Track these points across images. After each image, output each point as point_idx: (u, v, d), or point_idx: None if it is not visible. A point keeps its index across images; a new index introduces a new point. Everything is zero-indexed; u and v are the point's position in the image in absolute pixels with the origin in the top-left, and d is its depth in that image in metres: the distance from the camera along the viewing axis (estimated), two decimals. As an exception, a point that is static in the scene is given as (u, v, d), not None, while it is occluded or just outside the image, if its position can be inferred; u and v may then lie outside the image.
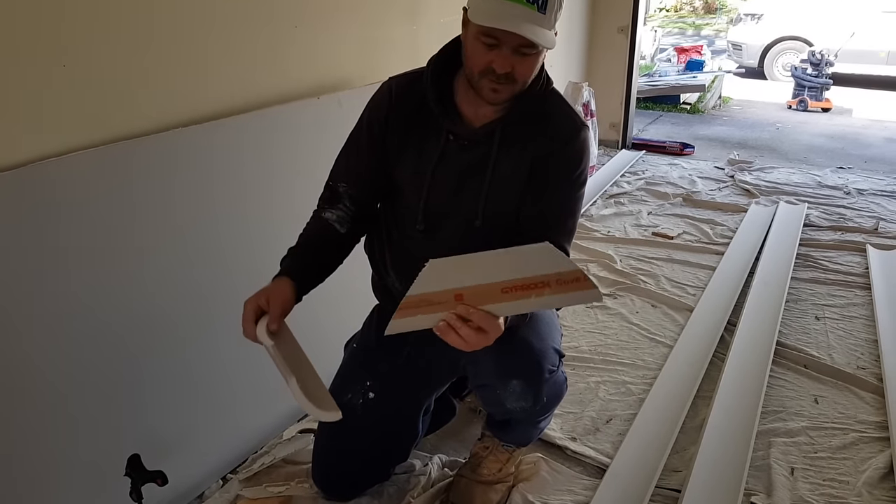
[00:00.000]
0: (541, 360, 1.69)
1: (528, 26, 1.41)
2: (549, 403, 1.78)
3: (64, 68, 1.58)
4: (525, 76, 1.51)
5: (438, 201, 1.67)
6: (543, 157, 1.61)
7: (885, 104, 7.82)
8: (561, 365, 1.78)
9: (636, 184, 4.69)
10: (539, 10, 1.42)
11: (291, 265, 1.63)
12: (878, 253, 3.51)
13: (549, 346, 1.73)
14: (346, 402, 1.83)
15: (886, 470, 2.06)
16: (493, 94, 1.52)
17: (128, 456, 1.69)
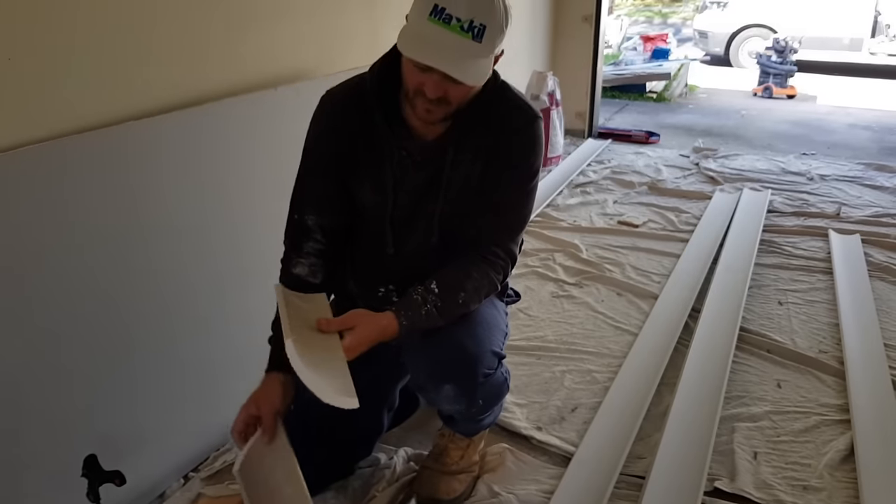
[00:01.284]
0: (474, 365, 1.65)
1: (455, 59, 1.38)
2: (486, 405, 1.76)
3: (9, 62, 1.54)
4: (460, 98, 1.48)
5: (401, 223, 1.66)
6: (493, 151, 1.59)
7: (848, 91, 7.91)
8: (500, 367, 1.74)
9: (602, 173, 4.70)
10: (474, 39, 1.38)
11: (276, 354, 1.62)
12: (840, 238, 3.55)
13: (485, 349, 1.67)
14: (309, 397, 1.82)
15: (847, 452, 2.08)
16: (427, 115, 1.49)
17: (84, 456, 1.67)
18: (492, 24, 1.39)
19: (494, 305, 1.80)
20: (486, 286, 1.63)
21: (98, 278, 1.72)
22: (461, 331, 1.64)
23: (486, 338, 1.69)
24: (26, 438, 1.61)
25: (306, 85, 2.31)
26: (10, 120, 1.56)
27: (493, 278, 1.63)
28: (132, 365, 1.84)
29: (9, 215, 1.52)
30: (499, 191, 1.61)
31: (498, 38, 1.43)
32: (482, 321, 1.71)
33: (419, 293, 1.56)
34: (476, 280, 1.60)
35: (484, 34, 1.38)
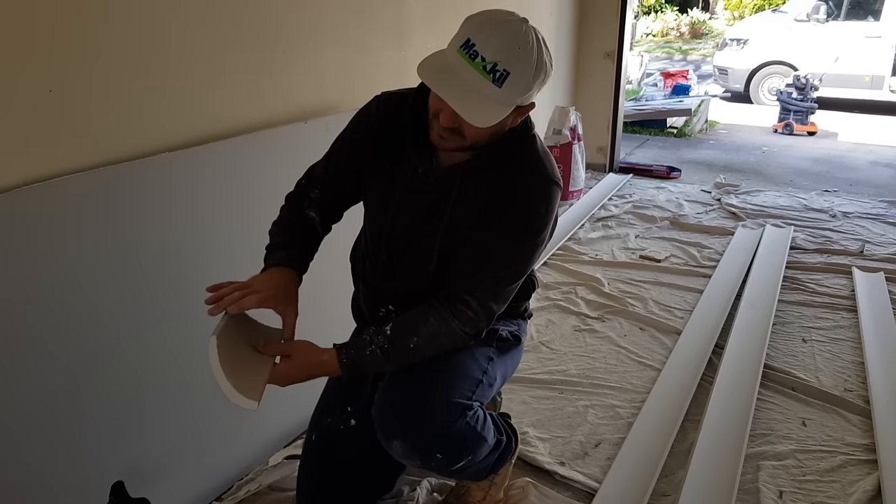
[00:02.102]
0: (421, 421, 1.56)
1: (467, 95, 1.36)
2: (449, 458, 1.64)
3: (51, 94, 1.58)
4: (474, 135, 1.45)
5: (400, 234, 1.63)
6: (495, 199, 1.53)
7: (869, 128, 7.89)
8: (462, 417, 1.60)
9: (623, 207, 4.71)
10: (494, 83, 1.35)
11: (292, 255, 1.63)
12: (864, 275, 3.53)
13: (444, 401, 1.59)
14: (326, 427, 1.83)
15: (874, 493, 2.05)
16: (439, 140, 1.48)
17: (112, 483, 1.67)
18: (518, 73, 1.36)
19: (471, 351, 1.70)
20: (445, 335, 1.53)
21: (128, 307, 1.75)
22: (414, 382, 1.59)
23: (445, 388, 1.61)
24: (55, 464, 1.63)
25: (335, 119, 2.34)
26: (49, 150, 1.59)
27: (457, 329, 1.53)
28: (159, 393, 1.86)
29: (47, 242, 1.55)
30: (490, 239, 1.54)
31: (520, 90, 1.39)
32: (445, 369, 1.63)
33: (369, 333, 1.53)
34: (433, 326, 1.52)
35: (506, 81, 1.36)
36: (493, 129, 1.45)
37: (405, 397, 1.59)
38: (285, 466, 2.11)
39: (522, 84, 1.39)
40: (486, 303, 1.54)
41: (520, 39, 1.37)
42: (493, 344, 1.75)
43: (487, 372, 1.71)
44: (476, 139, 1.47)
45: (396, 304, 1.69)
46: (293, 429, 2.25)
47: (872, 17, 9.14)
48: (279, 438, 2.22)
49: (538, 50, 1.40)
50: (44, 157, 1.59)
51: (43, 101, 1.57)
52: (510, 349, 1.81)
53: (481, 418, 1.67)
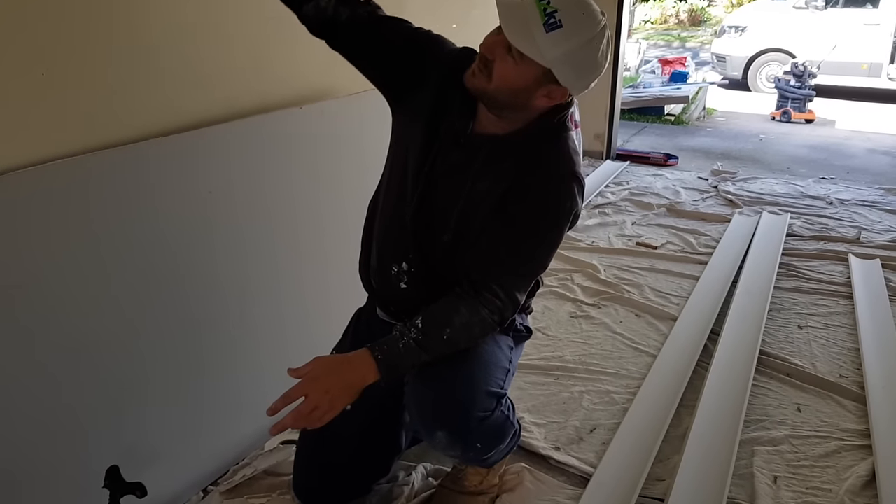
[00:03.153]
0: (466, 411, 1.59)
1: (518, 24, 1.37)
2: (485, 448, 1.69)
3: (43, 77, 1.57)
4: (501, 78, 1.43)
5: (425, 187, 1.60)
6: (518, 192, 1.53)
7: (867, 115, 7.89)
8: (499, 406, 1.65)
9: (620, 194, 4.71)
10: (544, 26, 1.35)
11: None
12: (860, 262, 3.53)
13: (479, 390, 1.61)
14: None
15: (869, 478, 2.06)
16: (470, 77, 1.47)
17: (106, 467, 1.68)
18: (567, 34, 1.36)
19: (496, 341, 1.72)
20: (477, 324, 1.53)
21: (123, 292, 1.74)
22: (453, 371, 1.59)
23: (482, 377, 1.63)
24: (49, 449, 1.63)
25: (330, 104, 2.33)
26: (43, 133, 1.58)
27: (487, 317, 1.54)
28: (155, 378, 1.85)
29: (39, 228, 1.54)
30: (514, 230, 1.55)
31: (561, 52, 1.37)
32: (478, 359, 1.65)
33: (398, 329, 1.51)
34: (464, 316, 1.51)
35: (553, 30, 1.35)
36: (518, 85, 1.44)
37: (445, 388, 1.59)
38: (281, 451, 2.12)
39: (566, 48, 1.38)
40: (512, 292, 1.55)
41: (590, 14, 1.40)
42: (511, 334, 1.79)
43: (511, 361, 1.76)
44: (498, 86, 1.44)
45: (410, 262, 1.66)
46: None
47: (871, 5, 9.14)
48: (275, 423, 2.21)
49: (598, 36, 1.41)
50: (37, 141, 1.57)
51: (35, 84, 1.56)
52: (522, 340, 1.86)
53: (510, 406, 1.73)
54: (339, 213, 2.35)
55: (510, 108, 1.50)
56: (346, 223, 2.32)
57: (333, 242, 2.34)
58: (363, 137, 2.39)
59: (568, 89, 1.47)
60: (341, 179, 2.36)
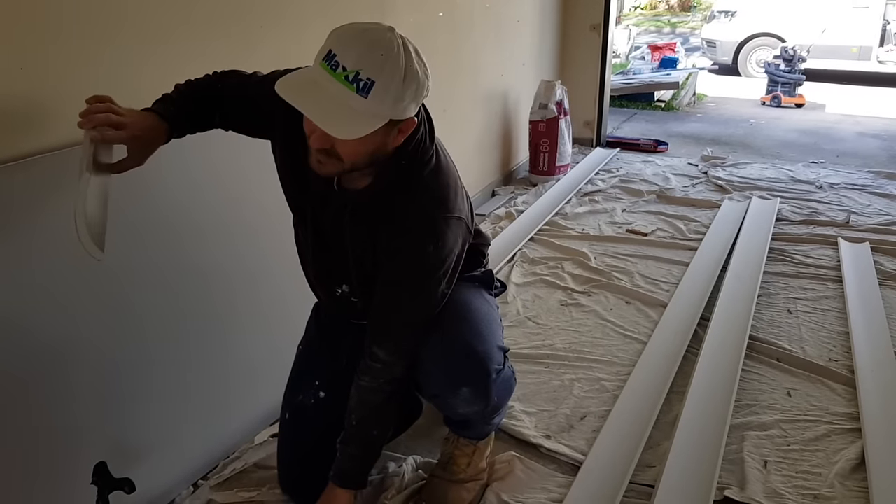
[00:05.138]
0: (487, 364, 1.66)
1: (332, 110, 1.28)
2: (499, 402, 1.78)
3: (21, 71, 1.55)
4: (352, 157, 1.39)
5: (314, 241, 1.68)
6: (385, 252, 1.54)
7: (857, 99, 7.90)
8: (507, 361, 1.76)
9: (610, 181, 4.70)
10: (359, 93, 1.27)
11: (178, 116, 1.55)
12: (850, 246, 3.54)
13: (492, 345, 1.69)
14: (299, 404, 1.86)
15: (858, 461, 2.07)
16: (318, 165, 1.42)
17: (94, 463, 1.67)
18: (383, 82, 1.28)
19: (486, 299, 1.81)
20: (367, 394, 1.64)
21: (110, 285, 1.73)
22: (465, 330, 1.66)
23: (490, 334, 1.71)
24: (36, 445, 1.62)
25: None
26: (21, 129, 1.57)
27: (368, 385, 1.63)
28: (142, 372, 1.84)
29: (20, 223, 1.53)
30: (388, 289, 1.57)
31: (390, 100, 1.31)
32: (482, 315, 1.73)
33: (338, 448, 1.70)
34: (352, 400, 1.66)
35: (371, 90, 1.27)
36: (371, 148, 1.39)
37: (463, 348, 1.64)
38: (270, 444, 2.11)
39: (392, 94, 1.30)
40: (401, 346, 1.62)
41: (383, 47, 1.29)
42: (492, 291, 1.90)
43: (500, 319, 1.86)
44: (354, 160, 1.40)
45: (351, 286, 1.70)
46: (278, 407, 2.24)
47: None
48: (264, 417, 2.21)
49: (406, 58, 1.31)
50: (16, 137, 1.56)
51: (15, 79, 1.54)
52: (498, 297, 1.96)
53: (511, 367, 1.82)
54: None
55: (373, 165, 1.46)
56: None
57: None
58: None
59: (413, 118, 1.41)
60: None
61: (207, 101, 1.62)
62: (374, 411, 1.65)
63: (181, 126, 1.56)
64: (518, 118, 4.79)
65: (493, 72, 4.27)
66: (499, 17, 4.21)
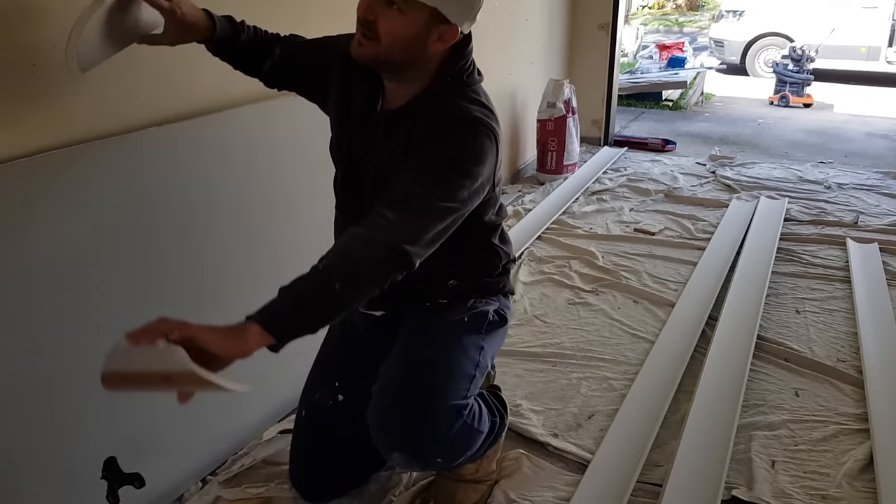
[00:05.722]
0: (421, 433, 1.53)
1: None
2: (448, 461, 1.65)
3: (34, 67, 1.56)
4: (390, 34, 1.39)
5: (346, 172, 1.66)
6: (419, 139, 1.47)
7: (865, 99, 7.87)
8: (461, 417, 1.57)
9: (618, 180, 4.70)
10: None
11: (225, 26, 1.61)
12: (858, 246, 3.53)
13: (442, 406, 1.55)
14: (316, 403, 1.84)
15: (866, 462, 2.06)
16: (357, 48, 1.43)
17: (104, 458, 1.68)
18: None
19: (462, 344, 1.65)
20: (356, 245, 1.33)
21: (119, 280, 1.74)
22: (409, 387, 1.56)
23: (442, 392, 1.57)
24: (46, 440, 1.63)
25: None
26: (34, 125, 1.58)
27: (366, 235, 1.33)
28: (152, 368, 1.85)
29: (32, 219, 1.54)
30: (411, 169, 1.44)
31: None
32: (439, 369, 1.59)
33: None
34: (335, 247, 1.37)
35: None
36: (409, 34, 1.40)
37: (401, 407, 1.54)
38: (279, 440, 2.12)
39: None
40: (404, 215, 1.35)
41: None
42: (483, 330, 1.71)
43: (480, 364, 1.67)
44: (391, 43, 1.40)
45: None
46: (287, 403, 2.25)
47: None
48: (273, 413, 2.22)
49: None
50: (28, 133, 1.57)
51: (27, 75, 1.55)
52: (496, 329, 1.77)
53: (476, 412, 1.64)
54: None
55: (408, 66, 1.46)
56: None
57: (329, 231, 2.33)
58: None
59: (458, 26, 1.43)
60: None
61: (269, 38, 1.69)
62: (349, 262, 1.29)
63: (227, 38, 1.61)
64: (526, 117, 4.78)
65: (501, 70, 4.27)
66: (507, 15, 4.21)
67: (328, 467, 1.82)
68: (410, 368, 1.59)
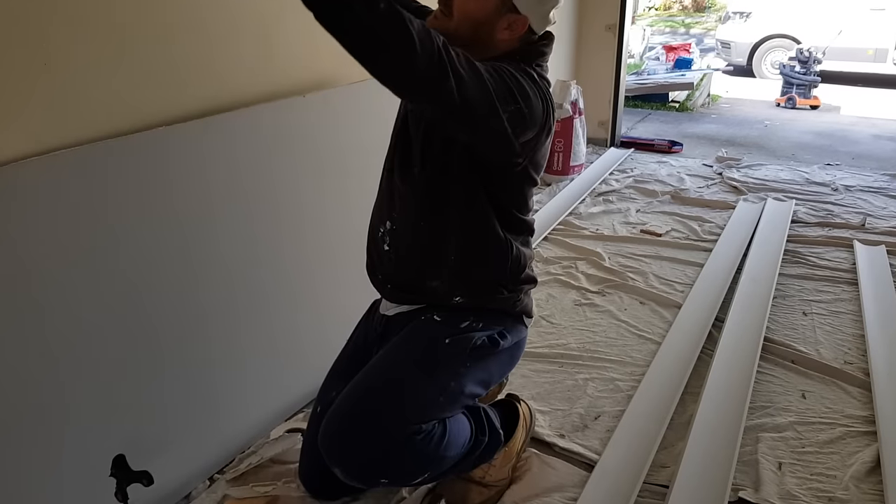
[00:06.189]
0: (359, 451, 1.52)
1: None
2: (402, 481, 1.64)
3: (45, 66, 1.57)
4: (462, 12, 1.47)
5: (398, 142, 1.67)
6: None
7: (872, 101, 7.85)
8: (410, 443, 1.52)
9: (625, 182, 4.70)
10: None
11: None
12: (865, 248, 3.52)
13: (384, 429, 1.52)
14: (331, 401, 1.83)
15: (873, 464, 2.06)
16: (433, 20, 1.49)
17: (113, 456, 1.68)
18: None
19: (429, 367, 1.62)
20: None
21: (130, 280, 1.75)
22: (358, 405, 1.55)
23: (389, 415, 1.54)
24: (56, 438, 1.64)
25: (333, 92, 2.33)
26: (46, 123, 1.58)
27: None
28: (161, 367, 1.86)
29: (45, 217, 1.55)
30: None
31: None
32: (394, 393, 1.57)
33: None
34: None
35: None
36: (478, 14, 1.47)
37: (345, 424, 1.54)
38: (286, 440, 2.12)
39: None
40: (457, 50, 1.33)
41: None
42: (466, 354, 1.66)
43: (450, 388, 1.61)
44: (460, 20, 1.47)
45: (392, 221, 1.70)
46: (294, 402, 2.26)
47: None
48: (280, 412, 2.23)
49: None
50: (40, 131, 1.58)
51: (38, 74, 1.56)
52: (488, 355, 1.71)
53: (437, 436, 1.58)
54: (343, 202, 2.35)
55: (474, 47, 1.46)
56: (349, 211, 2.33)
57: (337, 231, 2.34)
58: (363, 126, 2.39)
59: (528, 18, 1.49)
60: (345, 167, 2.36)
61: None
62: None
63: None
64: (532, 117, 4.77)
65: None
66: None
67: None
68: (362, 388, 1.59)
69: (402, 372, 1.61)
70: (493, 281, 1.73)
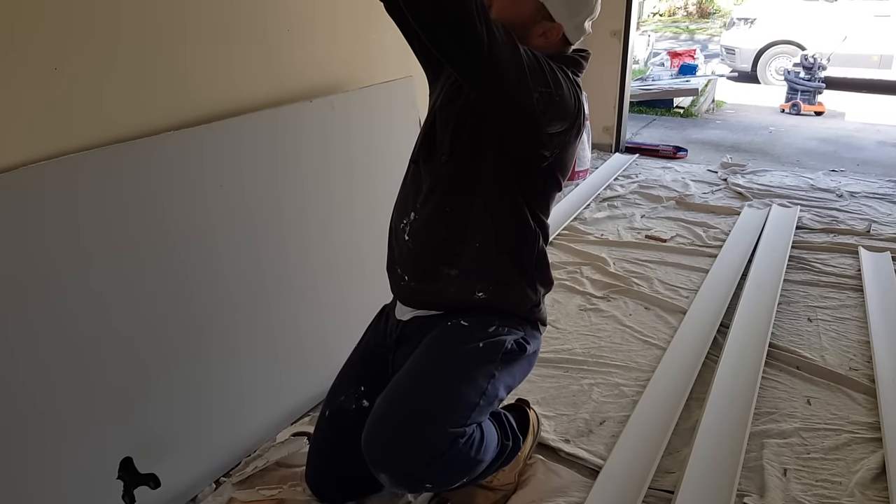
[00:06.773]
0: (409, 456, 1.50)
1: None
2: (438, 486, 1.62)
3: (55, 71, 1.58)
4: (498, 12, 1.48)
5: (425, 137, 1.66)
6: None
7: (877, 107, 7.85)
8: (456, 444, 1.52)
9: (629, 187, 4.70)
10: None
11: None
12: (870, 255, 3.52)
13: (432, 433, 1.50)
14: (340, 405, 1.84)
15: (878, 470, 2.06)
16: None
17: (120, 459, 1.69)
18: None
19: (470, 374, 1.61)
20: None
21: (135, 285, 1.76)
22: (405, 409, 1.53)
23: (436, 419, 1.52)
24: (63, 440, 1.64)
25: (340, 97, 2.34)
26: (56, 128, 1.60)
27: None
28: (168, 371, 1.87)
29: (51, 222, 1.56)
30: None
31: None
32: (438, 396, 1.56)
33: None
34: None
35: None
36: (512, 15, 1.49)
37: (393, 429, 1.52)
38: (292, 443, 2.13)
39: None
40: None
41: None
42: (498, 358, 1.67)
43: (487, 392, 1.61)
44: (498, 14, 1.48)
45: (416, 211, 1.69)
46: (300, 406, 2.27)
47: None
48: (286, 415, 2.23)
49: None
50: (50, 136, 1.59)
51: (48, 78, 1.57)
52: (516, 359, 1.72)
53: (477, 440, 1.58)
54: (347, 208, 2.36)
55: None
56: (354, 217, 2.34)
57: (341, 237, 2.35)
58: (370, 131, 2.40)
59: (562, 26, 1.52)
60: (350, 173, 2.37)
61: None
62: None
63: None
64: (537, 123, 4.78)
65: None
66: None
67: (345, 469, 1.82)
68: (404, 392, 1.57)
69: (440, 375, 1.60)
70: (518, 273, 1.72)
